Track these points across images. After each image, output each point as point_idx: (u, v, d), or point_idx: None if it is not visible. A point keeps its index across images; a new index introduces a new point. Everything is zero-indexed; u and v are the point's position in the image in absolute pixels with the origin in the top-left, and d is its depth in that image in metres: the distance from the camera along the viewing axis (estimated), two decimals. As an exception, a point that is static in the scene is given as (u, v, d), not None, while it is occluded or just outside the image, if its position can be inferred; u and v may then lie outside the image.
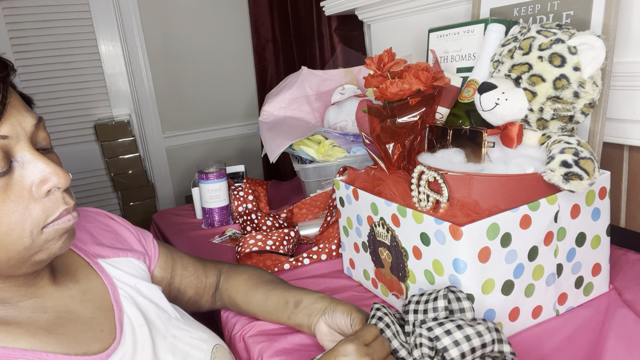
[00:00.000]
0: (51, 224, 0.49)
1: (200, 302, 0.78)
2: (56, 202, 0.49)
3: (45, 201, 0.49)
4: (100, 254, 0.64)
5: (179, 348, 0.60)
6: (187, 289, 0.76)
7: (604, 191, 0.70)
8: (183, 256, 0.78)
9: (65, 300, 0.56)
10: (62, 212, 0.50)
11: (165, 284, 0.73)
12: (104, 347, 0.53)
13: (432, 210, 0.66)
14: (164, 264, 0.73)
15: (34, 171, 0.48)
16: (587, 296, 0.73)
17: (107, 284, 0.60)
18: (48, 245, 0.50)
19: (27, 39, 2.02)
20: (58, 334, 0.51)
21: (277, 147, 1.19)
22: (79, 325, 0.54)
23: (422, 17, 1.29)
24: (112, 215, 0.72)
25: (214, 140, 2.45)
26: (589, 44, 0.64)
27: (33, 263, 0.50)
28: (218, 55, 2.37)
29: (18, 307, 0.51)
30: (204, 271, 0.78)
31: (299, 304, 0.68)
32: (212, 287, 0.79)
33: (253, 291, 0.74)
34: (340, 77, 1.38)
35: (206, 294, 0.78)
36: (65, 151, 2.15)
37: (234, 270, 0.80)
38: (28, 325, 0.50)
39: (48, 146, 0.53)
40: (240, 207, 1.24)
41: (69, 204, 0.51)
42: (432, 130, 0.77)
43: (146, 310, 0.62)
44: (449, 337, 0.49)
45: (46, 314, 0.53)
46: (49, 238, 0.49)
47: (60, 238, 0.51)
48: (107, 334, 0.55)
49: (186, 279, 0.76)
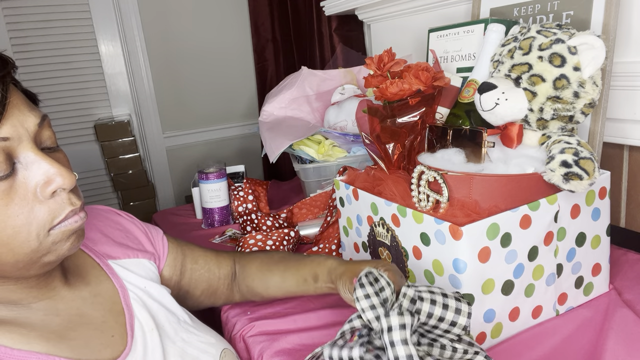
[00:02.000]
0: (58, 226, 0.48)
1: (215, 296, 0.77)
2: (62, 204, 0.48)
3: (50, 203, 0.48)
4: (110, 254, 0.63)
5: (188, 352, 0.60)
6: (198, 283, 0.74)
7: (604, 191, 0.70)
8: (193, 249, 0.76)
9: (77, 302, 0.55)
10: (68, 213, 0.49)
11: (174, 281, 0.72)
12: (116, 354, 0.53)
13: (432, 210, 0.66)
14: (172, 261, 0.72)
15: (38, 172, 0.47)
16: (587, 296, 0.73)
17: (118, 287, 0.60)
18: (56, 247, 0.49)
19: (27, 39, 2.02)
20: (70, 339, 0.51)
21: (277, 147, 1.19)
22: (91, 330, 0.53)
23: (422, 17, 1.29)
24: (120, 212, 0.71)
25: (214, 140, 2.45)
26: (589, 44, 0.64)
27: (42, 265, 0.49)
28: (218, 55, 2.37)
29: (31, 309, 0.51)
30: (216, 262, 0.76)
31: (317, 278, 0.69)
32: (228, 278, 0.77)
33: (268, 276, 0.74)
34: (340, 77, 1.38)
35: (221, 286, 0.76)
36: (66, 151, 2.11)
37: (246, 259, 0.78)
38: (41, 328, 0.50)
39: (54, 145, 0.52)
40: (240, 207, 1.24)
41: (76, 205, 0.50)
42: (432, 130, 0.77)
43: (156, 313, 0.61)
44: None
45: (58, 316, 0.52)
46: (57, 240, 0.49)
47: (69, 239, 0.50)
48: (118, 339, 0.55)
49: (196, 272, 0.74)
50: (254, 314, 0.78)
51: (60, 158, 0.52)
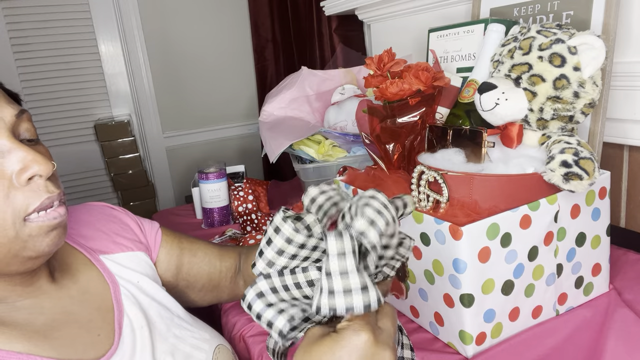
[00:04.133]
0: (35, 216, 0.48)
1: (218, 289, 0.75)
2: (38, 191, 0.48)
3: (26, 189, 0.48)
4: (103, 250, 0.63)
5: (180, 349, 0.59)
6: (198, 277, 0.73)
7: (604, 191, 0.70)
8: (193, 242, 0.75)
9: (64, 301, 0.55)
10: (43, 200, 0.48)
11: (171, 274, 0.71)
12: (101, 353, 0.53)
13: (432, 210, 0.66)
14: (166, 255, 0.71)
15: (14, 159, 0.47)
16: (587, 296, 0.73)
17: (109, 282, 0.60)
18: (34, 242, 0.49)
19: (27, 39, 2.02)
20: (54, 339, 0.50)
21: (277, 147, 1.19)
22: (76, 329, 0.53)
23: (422, 17, 1.29)
24: (114, 207, 0.71)
25: (214, 140, 2.45)
26: (589, 44, 0.64)
27: (22, 260, 0.49)
28: (218, 55, 2.37)
29: (15, 307, 0.51)
30: (218, 255, 0.75)
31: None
32: (231, 271, 0.75)
33: None
34: (340, 77, 1.38)
35: (223, 280, 0.75)
36: (65, 151, 2.15)
37: (253, 251, 0.76)
38: (24, 327, 0.49)
39: (34, 137, 0.52)
40: (240, 207, 1.24)
41: (53, 192, 0.49)
42: (432, 130, 0.77)
43: (148, 309, 0.61)
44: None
45: (43, 315, 0.52)
46: (34, 233, 0.48)
47: (48, 235, 0.49)
48: (104, 338, 0.54)
49: (195, 266, 0.73)
50: (254, 314, 0.78)
51: (40, 150, 0.51)
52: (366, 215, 0.35)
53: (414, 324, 0.73)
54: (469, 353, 0.63)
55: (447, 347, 0.66)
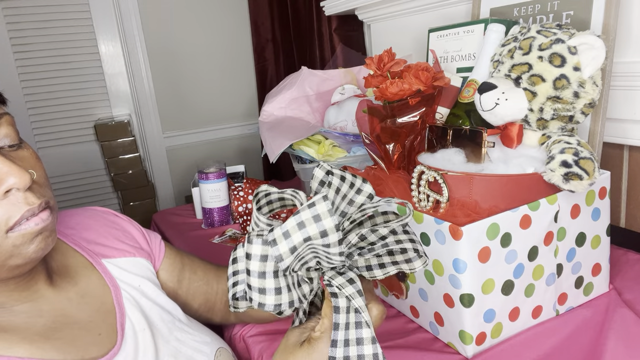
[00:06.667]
0: (16, 228, 0.46)
1: (212, 312, 0.74)
2: (17, 204, 0.46)
3: (4, 203, 0.45)
4: (105, 253, 0.63)
5: (182, 352, 0.59)
6: (195, 295, 0.72)
7: (604, 191, 0.70)
8: (193, 259, 0.74)
9: (62, 304, 0.55)
10: (24, 213, 0.46)
11: (171, 288, 0.70)
12: (103, 352, 0.52)
13: (432, 210, 0.66)
14: (169, 267, 0.70)
15: None
16: (587, 296, 0.73)
17: (110, 286, 0.59)
18: (20, 250, 0.47)
19: (27, 39, 2.01)
20: (55, 340, 0.50)
21: (277, 147, 1.19)
22: (76, 329, 0.53)
23: (422, 17, 1.29)
24: (118, 214, 0.71)
25: (214, 140, 2.45)
26: (589, 44, 0.64)
27: (10, 268, 0.48)
28: (218, 55, 2.37)
29: (13, 312, 0.50)
30: (215, 275, 0.74)
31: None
32: (225, 295, 0.74)
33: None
34: (340, 77, 1.37)
35: (218, 302, 0.74)
36: (65, 151, 2.15)
37: None
38: (24, 331, 0.49)
39: (14, 142, 0.49)
40: (240, 207, 1.24)
41: (33, 204, 0.47)
42: (432, 130, 0.77)
43: (149, 312, 0.61)
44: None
45: (42, 318, 0.51)
46: (17, 243, 0.46)
47: (32, 241, 0.47)
48: (105, 337, 0.54)
49: (194, 283, 0.72)
50: (254, 314, 0.78)
51: (24, 156, 0.50)
52: (288, 224, 0.39)
53: (414, 324, 0.73)
54: (469, 353, 0.63)
55: (447, 347, 0.66)
